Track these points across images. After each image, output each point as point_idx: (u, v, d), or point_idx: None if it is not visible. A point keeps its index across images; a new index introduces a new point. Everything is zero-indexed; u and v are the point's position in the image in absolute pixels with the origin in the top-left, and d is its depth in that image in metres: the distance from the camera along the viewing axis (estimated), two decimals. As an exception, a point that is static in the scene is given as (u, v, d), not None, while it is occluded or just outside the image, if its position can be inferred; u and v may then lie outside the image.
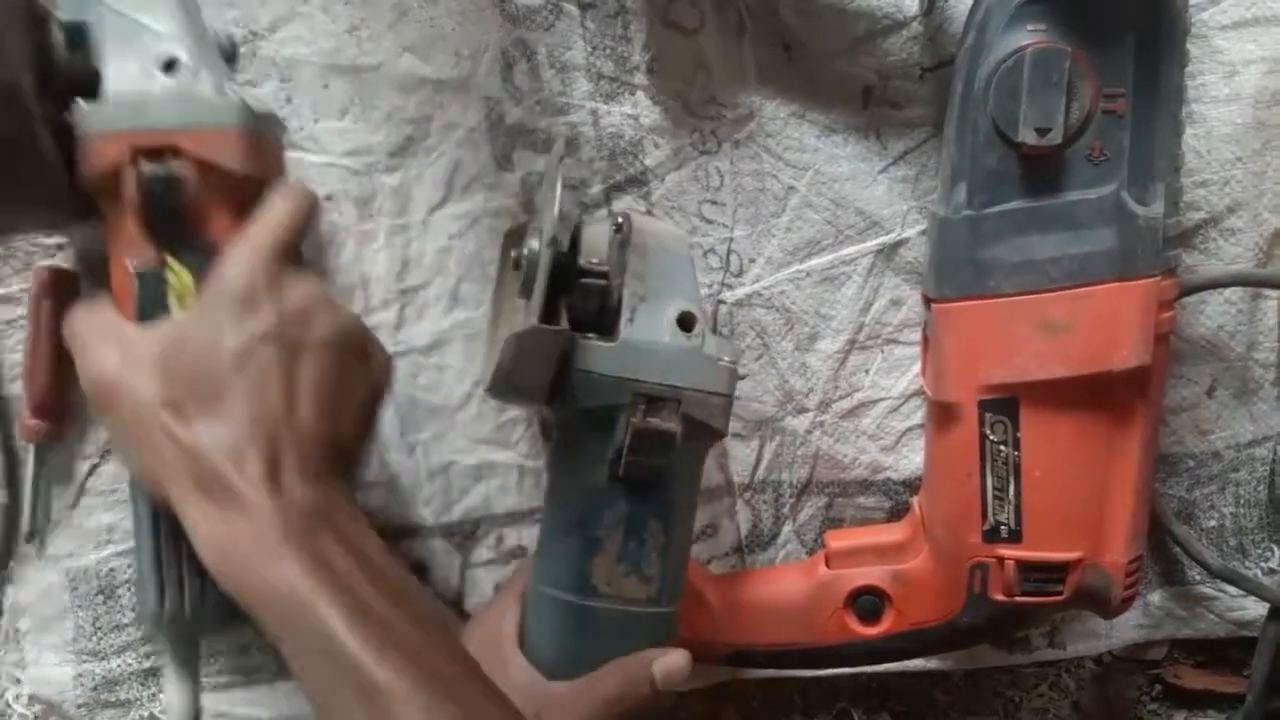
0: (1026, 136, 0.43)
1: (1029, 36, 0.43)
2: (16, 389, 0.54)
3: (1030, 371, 0.45)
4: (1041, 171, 0.44)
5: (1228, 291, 0.53)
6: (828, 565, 0.52)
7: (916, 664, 0.57)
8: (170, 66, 0.43)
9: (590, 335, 0.43)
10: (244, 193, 0.44)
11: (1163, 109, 0.44)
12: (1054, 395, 0.45)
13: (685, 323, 0.44)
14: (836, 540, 0.53)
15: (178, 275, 0.44)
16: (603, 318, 0.44)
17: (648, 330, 0.43)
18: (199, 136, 0.42)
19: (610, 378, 0.43)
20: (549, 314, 0.42)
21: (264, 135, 0.46)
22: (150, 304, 0.44)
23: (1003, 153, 0.44)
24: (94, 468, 0.55)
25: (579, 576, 0.45)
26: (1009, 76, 0.43)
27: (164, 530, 0.43)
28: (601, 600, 0.45)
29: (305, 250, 0.44)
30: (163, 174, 0.42)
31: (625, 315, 0.43)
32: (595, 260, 0.43)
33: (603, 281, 0.43)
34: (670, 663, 0.45)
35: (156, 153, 0.42)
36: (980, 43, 0.44)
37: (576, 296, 0.43)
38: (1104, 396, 0.45)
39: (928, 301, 0.49)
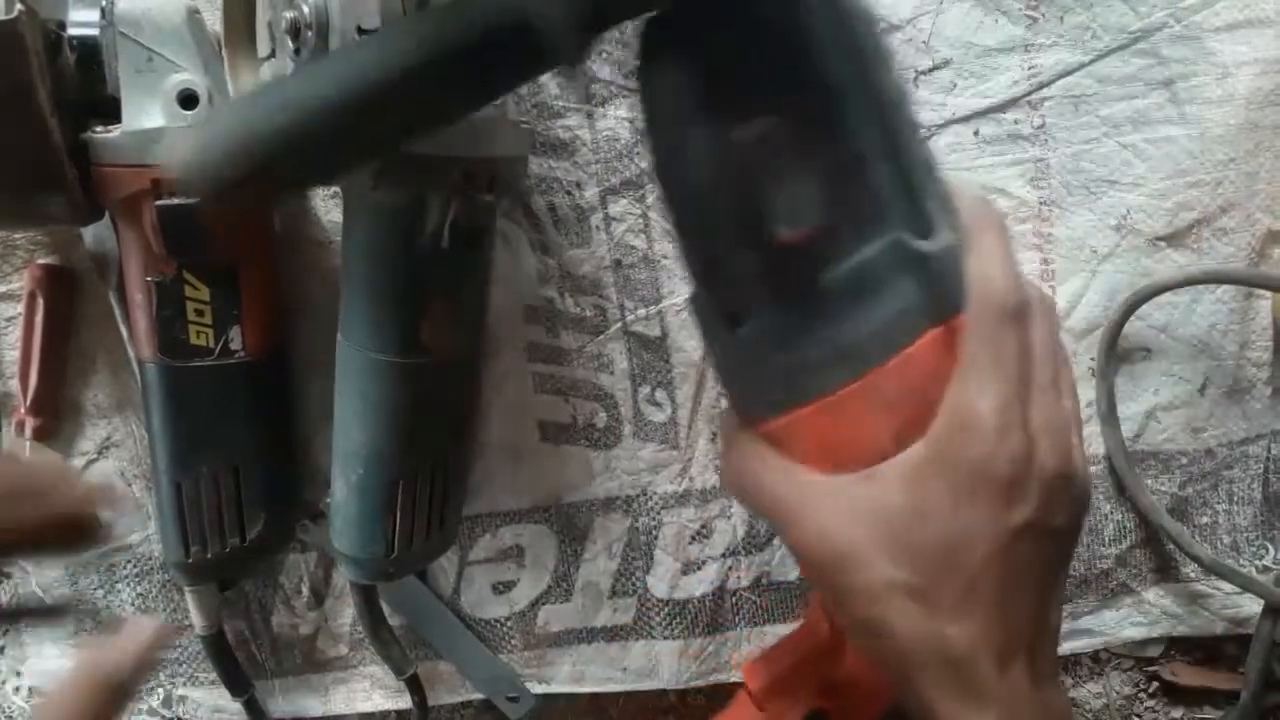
0: (783, 230, 0.35)
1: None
2: (13, 385, 0.57)
3: (890, 450, 0.37)
4: (809, 253, 0.36)
5: (1220, 290, 0.56)
6: (759, 708, 0.47)
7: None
8: (188, 101, 0.47)
9: None
10: (256, 213, 0.50)
11: (892, 124, 0.35)
12: None
13: None
14: (755, 677, 0.47)
15: (195, 288, 0.49)
16: None
17: None
18: None
19: (440, 158, 0.44)
20: None
21: None
22: (169, 313, 0.50)
23: (759, 254, 0.36)
24: (89, 464, 0.58)
25: (405, 339, 0.48)
26: (735, 173, 0.35)
27: (186, 498, 0.52)
28: (427, 357, 0.48)
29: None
30: (182, 206, 0.47)
31: None
32: None
33: None
34: (141, 635, 0.34)
35: (176, 185, 0.46)
36: (678, 142, 0.36)
37: None
38: None
39: (748, 424, 0.40)
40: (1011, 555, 0.34)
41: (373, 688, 0.62)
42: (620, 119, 0.54)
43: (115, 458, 0.58)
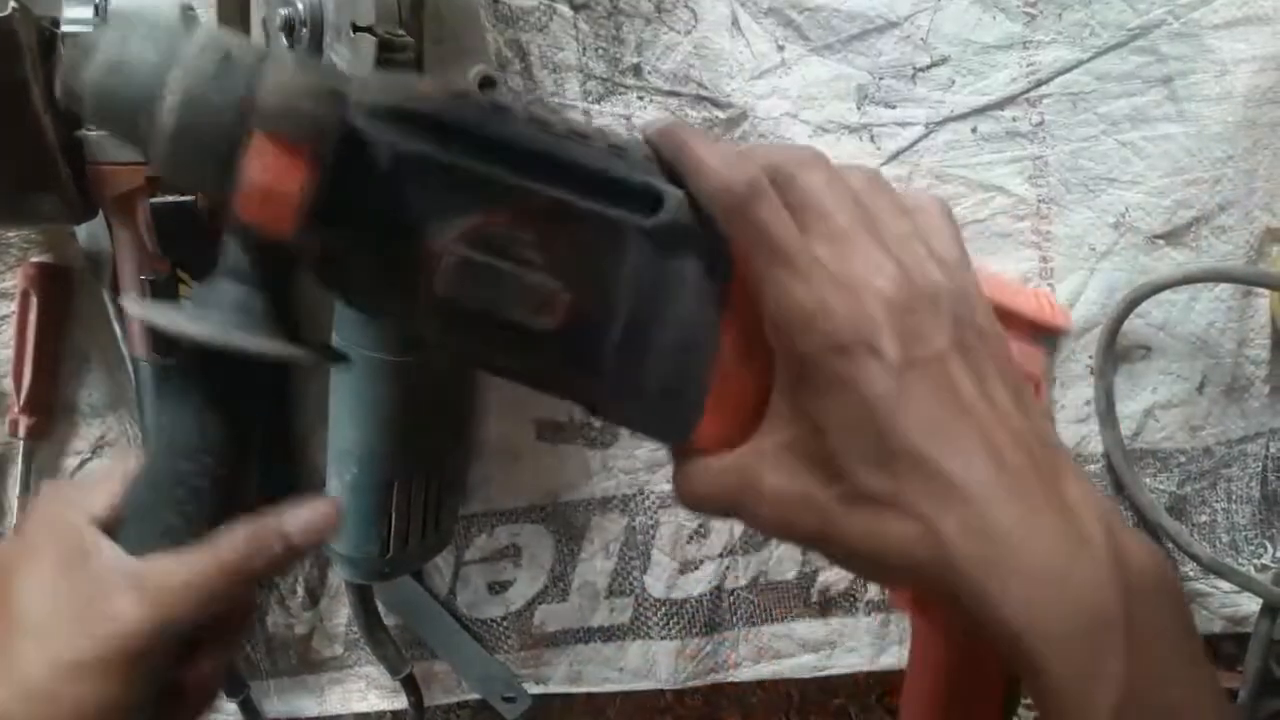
0: (543, 323, 0.34)
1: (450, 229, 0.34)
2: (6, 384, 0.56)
3: None
4: (582, 317, 0.35)
5: (1218, 289, 0.56)
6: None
7: (912, 660, 0.61)
8: None
9: None
10: None
11: (552, 154, 0.34)
12: None
13: (486, 85, 0.43)
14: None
15: (190, 286, 0.50)
16: None
17: None
18: None
19: None
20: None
21: None
22: None
23: (546, 352, 0.35)
24: (83, 463, 0.58)
25: (401, 337, 0.47)
26: (465, 314, 0.34)
27: None
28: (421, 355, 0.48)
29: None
30: (175, 203, 0.47)
31: None
32: (395, 31, 0.39)
33: (410, 54, 0.40)
34: (312, 517, 0.38)
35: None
36: (406, 320, 0.36)
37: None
38: None
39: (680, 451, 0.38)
40: (915, 402, 0.31)
41: (368, 688, 0.62)
42: (616, 115, 0.55)
43: (110, 457, 0.58)
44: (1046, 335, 0.45)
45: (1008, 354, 0.34)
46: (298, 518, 0.37)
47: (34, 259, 0.56)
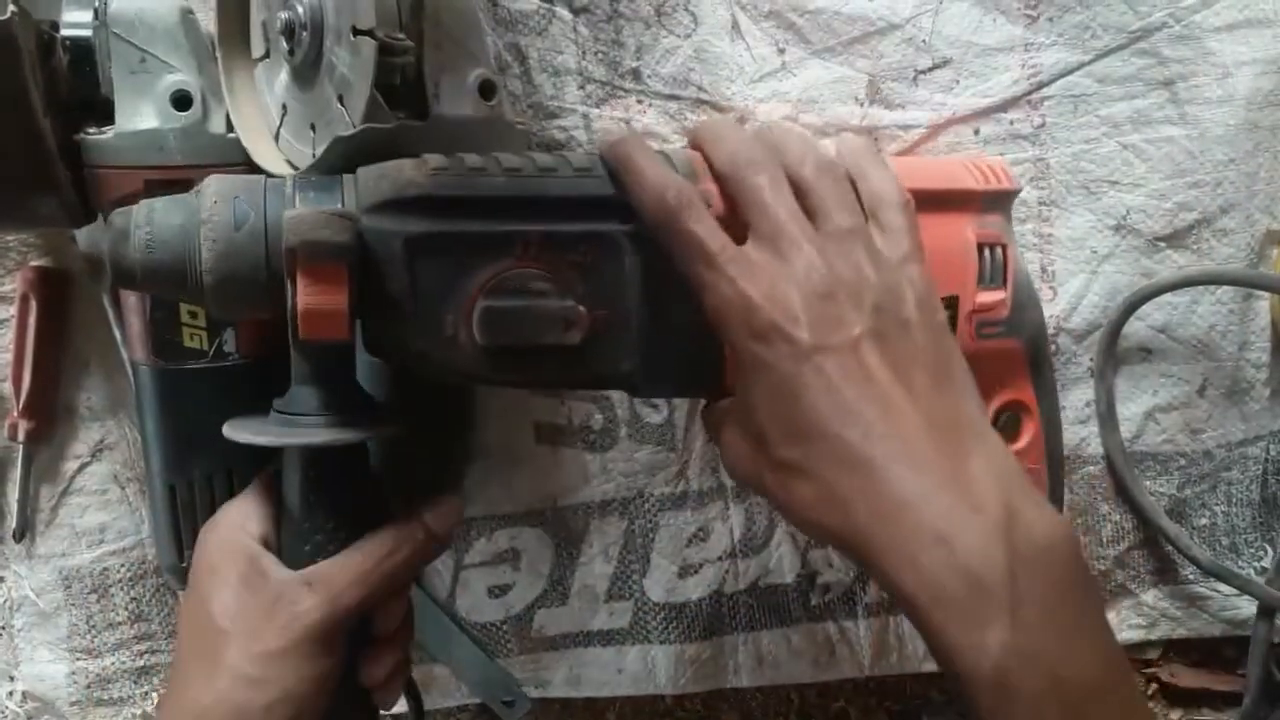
0: (572, 337, 0.40)
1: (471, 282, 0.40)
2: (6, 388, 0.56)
3: None
4: (602, 325, 0.41)
5: (1219, 291, 0.56)
6: None
7: (913, 664, 0.60)
8: (181, 102, 0.47)
9: (400, 115, 0.42)
10: None
11: (525, 192, 0.40)
12: None
13: (486, 90, 0.44)
14: None
15: None
16: (403, 95, 0.43)
17: (453, 104, 0.44)
18: (209, 172, 0.47)
19: None
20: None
21: None
22: (162, 316, 0.49)
23: (580, 362, 0.41)
24: (83, 466, 0.58)
25: None
26: (509, 359, 0.40)
27: (180, 501, 0.52)
28: None
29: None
30: None
31: (430, 90, 0.43)
32: (396, 35, 0.41)
33: (410, 58, 0.42)
34: (443, 510, 0.44)
35: (169, 186, 0.46)
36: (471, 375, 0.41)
37: (379, 76, 0.41)
38: None
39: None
40: (825, 382, 0.35)
41: (368, 691, 0.62)
42: (616, 119, 0.55)
43: (109, 460, 0.58)
44: (1000, 200, 0.48)
45: (940, 342, 0.38)
46: (430, 508, 0.44)
47: (33, 263, 0.56)
